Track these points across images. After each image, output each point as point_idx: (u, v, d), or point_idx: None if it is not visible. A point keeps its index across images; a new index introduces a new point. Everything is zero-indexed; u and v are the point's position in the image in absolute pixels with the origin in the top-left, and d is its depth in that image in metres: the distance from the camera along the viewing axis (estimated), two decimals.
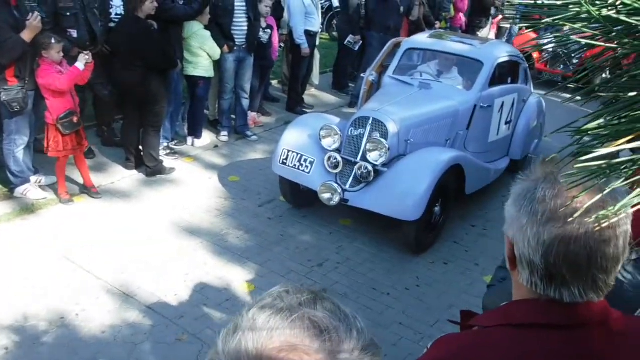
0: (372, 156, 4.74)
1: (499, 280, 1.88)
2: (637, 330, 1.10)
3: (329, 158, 4.86)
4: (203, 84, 6.51)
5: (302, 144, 5.10)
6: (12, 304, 3.86)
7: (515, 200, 1.08)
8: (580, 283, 1.01)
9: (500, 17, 11.99)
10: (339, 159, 4.83)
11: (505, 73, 6.33)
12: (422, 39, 6.44)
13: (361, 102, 6.16)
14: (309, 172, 4.95)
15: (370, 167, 4.71)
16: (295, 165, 5.01)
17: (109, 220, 5.03)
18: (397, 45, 6.39)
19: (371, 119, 4.85)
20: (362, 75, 6.77)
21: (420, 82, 5.72)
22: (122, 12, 5.96)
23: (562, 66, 10.41)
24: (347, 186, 4.82)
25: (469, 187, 5.29)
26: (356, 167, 4.78)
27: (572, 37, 0.91)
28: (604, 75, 1.06)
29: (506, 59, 6.14)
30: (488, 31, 11.79)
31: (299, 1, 7.72)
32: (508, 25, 12.18)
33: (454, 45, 6.13)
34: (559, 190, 1.01)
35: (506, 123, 6.24)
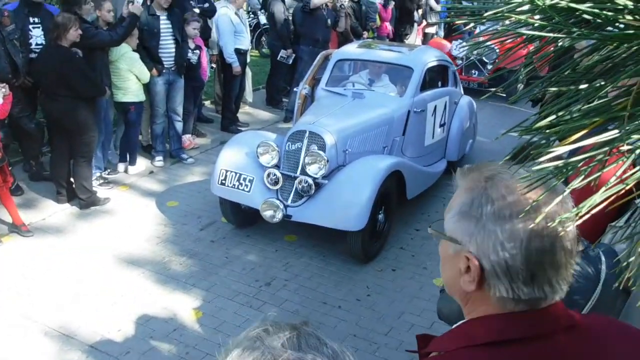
0: (312, 169, 4.71)
1: None
2: (601, 329, 1.08)
3: (268, 175, 4.80)
4: (134, 109, 6.33)
5: (239, 162, 5.01)
6: None
7: (467, 212, 1.00)
8: (558, 275, 0.98)
9: (425, 23, 12.27)
10: (279, 174, 4.77)
11: (435, 77, 6.43)
12: (351, 49, 6.48)
13: (296, 117, 6.13)
14: (249, 191, 4.87)
15: (310, 181, 4.68)
16: (234, 185, 4.92)
17: (42, 258, 4.79)
18: (328, 57, 6.40)
19: (307, 132, 4.83)
20: (294, 89, 6.76)
21: (353, 92, 5.74)
22: (43, 42, 5.74)
23: (475, 72, 10.41)
24: (289, 201, 4.77)
25: (410, 192, 5.32)
26: (296, 181, 4.73)
27: (491, 41, 0.89)
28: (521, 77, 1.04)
29: (435, 63, 6.24)
30: (415, 38, 12.04)
31: (227, 20, 7.65)
32: (434, 31, 12.47)
33: (383, 53, 6.20)
34: (511, 186, 0.97)
35: (440, 126, 6.33)
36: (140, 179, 6.47)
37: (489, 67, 10.14)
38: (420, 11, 12.12)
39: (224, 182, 4.97)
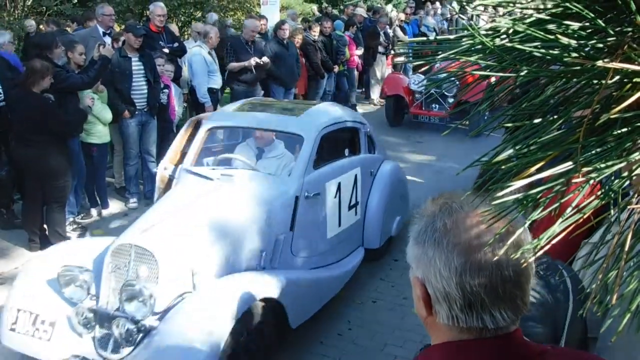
0: (130, 308, 3.25)
1: None
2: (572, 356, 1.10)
3: (77, 314, 3.35)
4: (96, 150, 6.29)
5: (37, 297, 3.53)
6: None
7: (416, 239, 1.04)
8: (500, 305, 0.98)
9: (393, 53, 12.46)
10: (91, 315, 3.36)
11: (338, 145, 5.13)
12: (227, 113, 5.08)
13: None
14: (48, 339, 3.37)
15: (130, 325, 3.21)
16: (27, 331, 3.40)
17: None
18: (199, 124, 4.97)
19: (133, 247, 3.39)
20: (154, 170, 5.64)
21: (222, 174, 4.30)
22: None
23: (436, 107, 10.09)
24: (109, 352, 3.27)
25: (295, 319, 3.81)
26: (114, 325, 3.26)
27: (452, 73, 0.92)
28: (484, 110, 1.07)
29: (336, 127, 4.84)
30: (384, 68, 12.22)
31: (200, 60, 7.66)
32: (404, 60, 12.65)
33: (267, 117, 4.82)
34: (457, 217, 1.00)
35: (351, 208, 4.93)
36: (114, 222, 6.40)
37: (450, 100, 9.86)
38: (384, 42, 12.30)
39: (14, 327, 3.45)
